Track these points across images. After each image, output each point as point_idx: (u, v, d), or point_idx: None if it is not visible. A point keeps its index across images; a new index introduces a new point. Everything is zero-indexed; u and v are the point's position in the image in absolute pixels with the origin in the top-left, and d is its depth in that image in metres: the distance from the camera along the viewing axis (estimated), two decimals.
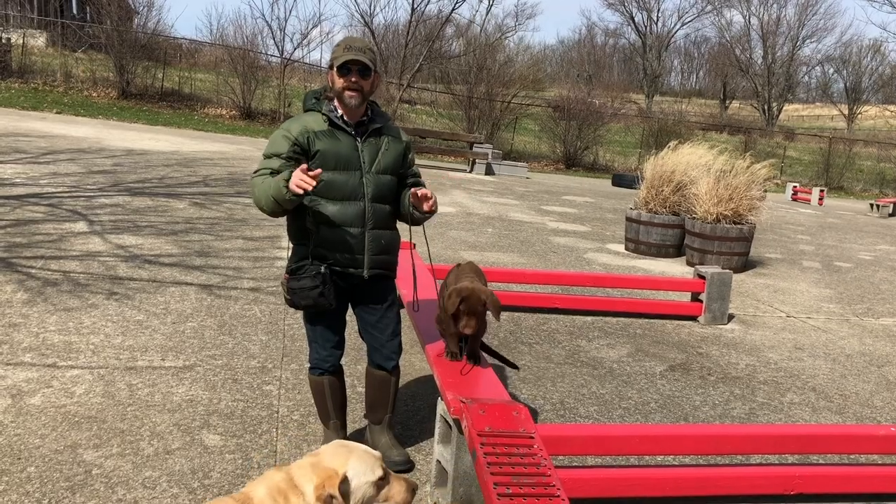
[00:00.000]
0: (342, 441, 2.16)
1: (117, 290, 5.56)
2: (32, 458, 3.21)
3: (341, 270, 3.20)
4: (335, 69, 3.12)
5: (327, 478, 1.96)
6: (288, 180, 2.94)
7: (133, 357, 4.38)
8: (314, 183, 2.90)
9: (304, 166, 2.95)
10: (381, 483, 2.06)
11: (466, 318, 3.36)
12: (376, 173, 3.21)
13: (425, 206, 3.19)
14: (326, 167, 3.11)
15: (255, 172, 3.17)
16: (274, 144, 3.17)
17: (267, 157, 3.17)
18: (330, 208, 3.14)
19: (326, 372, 3.33)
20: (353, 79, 3.10)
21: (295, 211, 3.16)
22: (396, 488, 2.09)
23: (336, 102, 3.21)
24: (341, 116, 3.19)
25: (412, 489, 2.12)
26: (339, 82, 3.12)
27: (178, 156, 13.52)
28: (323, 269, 3.13)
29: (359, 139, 3.21)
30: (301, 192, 2.91)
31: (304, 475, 1.98)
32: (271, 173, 3.10)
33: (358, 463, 2.04)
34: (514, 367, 4.09)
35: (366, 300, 3.34)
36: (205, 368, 4.32)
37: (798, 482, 3.41)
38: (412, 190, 3.22)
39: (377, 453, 2.11)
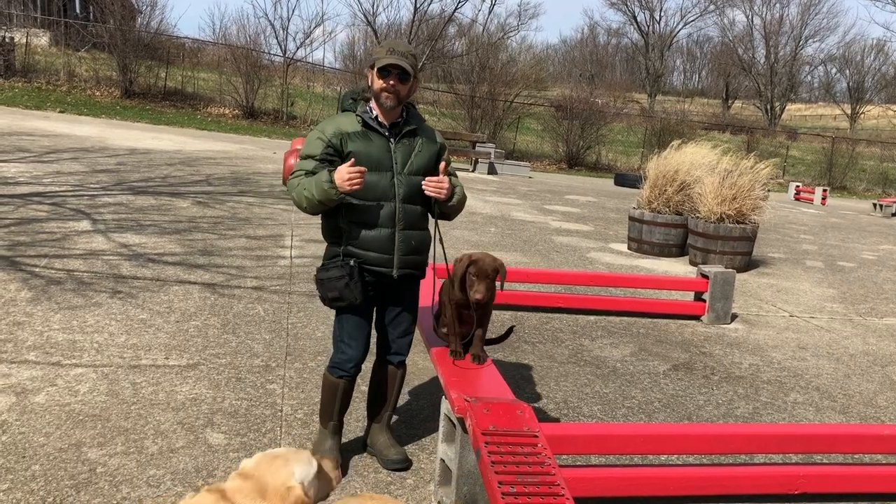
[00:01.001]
0: (267, 452, 2.08)
1: (121, 288, 5.57)
2: (37, 456, 3.22)
3: (372, 269, 3.22)
4: (375, 70, 3.14)
5: (282, 498, 1.90)
6: (329, 181, 3.03)
7: (137, 356, 4.39)
8: (362, 179, 3.04)
9: (352, 162, 3.05)
10: (319, 470, 2.07)
11: (476, 283, 3.36)
12: (408, 174, 3.23)
13: (430, 188, 3.19)
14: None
15: (292, 174, 3.23)
16: (309, 145, 3.22)
17: (303, 157, 3.22)
18: (363, 209, 3.17)
19: (346, 375, 3.33)
20: (392, 82, 3.13)
21: (328, 211, 3.22)
22: (330, 469, 2.13)
23: (372, 103, 3.23)
24: (376, 117, 3.21)
25: (338, 464, 2.19)
26: (378, 83, 3.14)
27: (181, 155, 13.54)
28: (352, 262, 3.16)
29: (392, 140, 3.23)
30: (354, 189, 3.04)
31: (249, 498, 1.88)
32: (306, 174, 3.16)
33: (300, 466, 2.00)
34: (507, 335, 4.05)
35: (391, 298, 3.37)
36: (208, 367, 4.32)
37: (802, 482, 3.41)
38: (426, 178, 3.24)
39: (301, 449, 2.09)
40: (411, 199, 3.24)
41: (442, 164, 3.27)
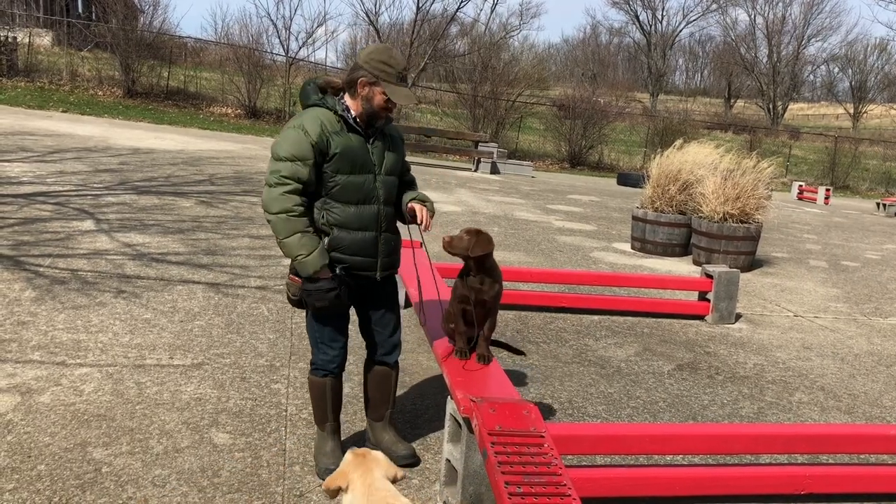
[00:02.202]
0: None
1: (125, 288, 5.57)
2: (42, 455, 3.22)
3: (356, 273, 3.19)
4: (383, 92, 3.06)
5: None
6: (320, 266, 3.03)
7: (141, 355, 4.39)
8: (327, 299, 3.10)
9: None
10: None
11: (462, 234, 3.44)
12: (385, 174, 3.21)
13: (422, 225, 3.27)
14: (342, 170, 3.09)
15: (279, 179, 3.01)
16: (295, 145, 3.02)
17: (288, 159, 3.01)
18: (347, 211, 3.12)
19: (330, 374, 3.31)
20: (393, 105, 3.13)
21: (309, 214, 3.10)
22: None
23: (346, 100, 3.15)
24: (354, 118, 3.15)
25: None
26: (379, 102, 3.09)
27: (184, 154, 13.55)
28: (338, 271, 3.11)
29: (368, 141, 3.19)
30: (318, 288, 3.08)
31: None
32: (300, 190, 3.03)
33: None
34: (519, 353, 4.07)
35: (373, 299, 3.35)
36: (213, 367, 4.32)
37: (808, 482, 3.40)
38: (410, 205, 3.27)
39: None
40: (389, 201, 3.24)
41: (412, 205, 3.26)
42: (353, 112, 3.14)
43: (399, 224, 3.37)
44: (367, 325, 3.40)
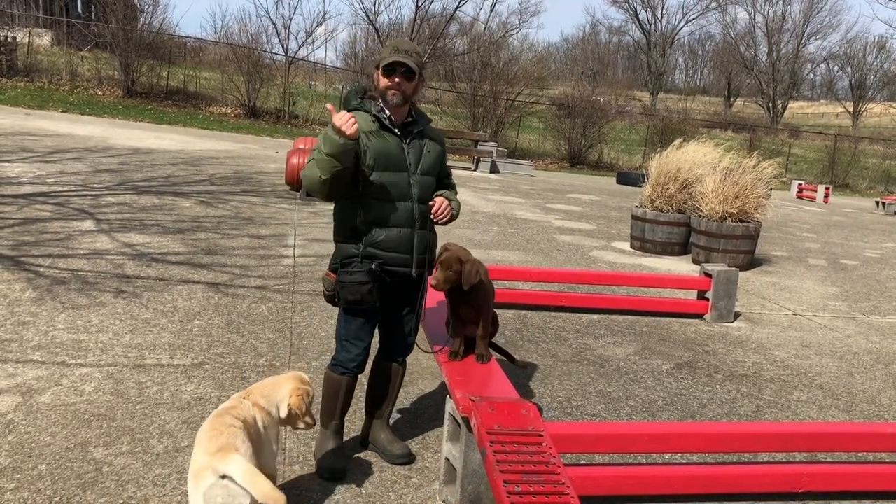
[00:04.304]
0: None
1: (125, 288, 5.58)
2: (43, 455, 3.23)
3: (392, 269, 3.24)
4: (380, 69, 3.15)
5: None
6: (332, 129, 3.00)
7: (141, 355, 4.40)
8: (355, 121, 3.00)
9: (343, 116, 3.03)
10: None
11: (435, 270, 3.41)
12: (421, 174, 3.26)
13: (440, 218, 3.29)
14: (377, 168, 3.16)
15: (315, 155, 3.14)
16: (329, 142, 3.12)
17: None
18: (382, 209, 3.18)
19: (349, 372, 3.34)
20: (397, 79, 3.14)
21: (345, 211, 3.21)
22: None
23: (382, 103, 3.23)
24: (389, 117, 3.22)
25: None
26: (383, 82, 3.16)
27: (184, 154, 13.56)
28: (374, 266, 3.17)
29: (404, 140, 3.24)
30: (353, 132, 2.97)
31: None
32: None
33: None
34: (515, 362, 4.06)
35: (401, 297, 3.38)
36: (213, 367, 4.33)
37: (806, 480, 3.41)
38: (435, 196, 3.30)
39: None
40: (424, 200, 3.28)
41: (435, 196, 3.29)
42: (387, 112, 3.22)
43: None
44: (388, 323, 3.43)
